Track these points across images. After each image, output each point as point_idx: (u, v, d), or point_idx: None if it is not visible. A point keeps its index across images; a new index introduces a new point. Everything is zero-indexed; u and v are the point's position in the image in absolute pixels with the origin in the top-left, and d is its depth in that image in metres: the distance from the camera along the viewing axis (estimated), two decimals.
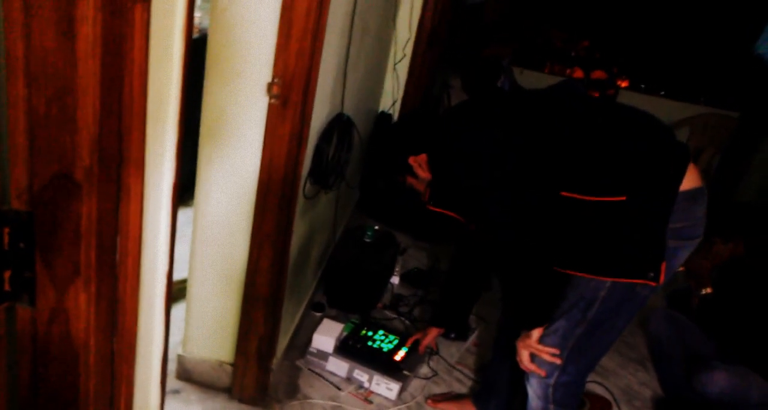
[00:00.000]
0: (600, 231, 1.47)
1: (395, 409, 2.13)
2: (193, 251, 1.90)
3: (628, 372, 2.60)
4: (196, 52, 0.98)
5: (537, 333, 1.60)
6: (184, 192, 1.04)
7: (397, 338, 2.32)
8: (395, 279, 2.92)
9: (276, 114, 1.63)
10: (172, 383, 2.05)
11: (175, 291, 1.14)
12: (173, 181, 0.95)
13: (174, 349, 2.01)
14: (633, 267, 1.46)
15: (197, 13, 2.91)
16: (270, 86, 1.61)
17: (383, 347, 2.27)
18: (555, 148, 1.47)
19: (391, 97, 3.68)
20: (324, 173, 2.03)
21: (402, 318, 2.67)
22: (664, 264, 1.43)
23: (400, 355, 2.24)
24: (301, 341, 2.36)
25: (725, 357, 2.33)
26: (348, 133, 2.21)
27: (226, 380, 2.03)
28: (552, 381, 1.62)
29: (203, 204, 1.83)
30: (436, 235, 3.38)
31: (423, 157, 1.69)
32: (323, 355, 2.22)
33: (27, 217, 0.69)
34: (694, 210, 1.48)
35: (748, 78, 4.90)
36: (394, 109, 3.72)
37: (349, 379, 2.20)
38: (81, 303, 0.75)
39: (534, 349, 1.61)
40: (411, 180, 1.77)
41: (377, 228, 2.73)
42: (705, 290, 2.52)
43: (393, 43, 3.54)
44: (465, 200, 1.65)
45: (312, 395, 2.12)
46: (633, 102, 1.81)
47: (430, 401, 2.18)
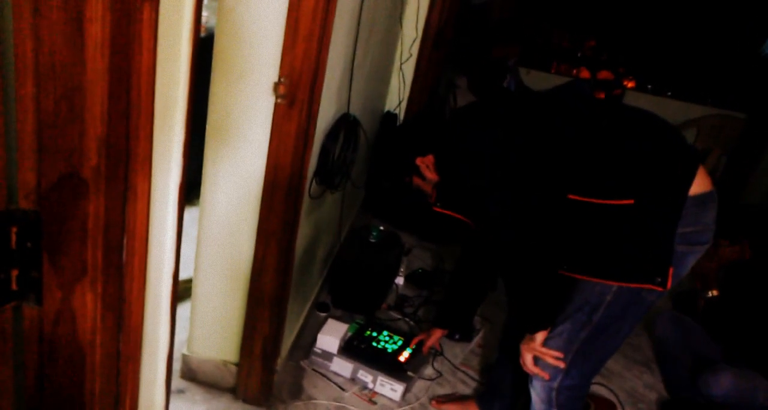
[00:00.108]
0: (607, 235, 1.45)
1: None
2: (199, 250, 1.91)
3: (633, 374, 2.58)
4: (203, 51, 0.98)
5: (541, 337, 1.59)
6: (189, 191, 1.03)
7: (402, 339, 2.32)
8: (400, 280, 2.91)
9: (282, 113, 1.63)
10: (176, 382, 2.05)
11: (180, 291, 1.14)
12: (180, 181, 0.95)
13: (179, 349, 2.01)
14: (640, 272, 1.45)
15: (204, 13, 2.91)
16: (276, 86, 1.61)
17: (388, 348, 2.26)
18: (557, 148, 1.46)
19: (397, 97, 3.68)
20: (330, 173, 2.03)
21: (407, 318, 2.67)
22: (671, 269, 1.42)
23: (404, 356, 2.23)
24: (306, 341, 2.36)
25: (731, 360, 2.32)
26: (354, 133, 2.21)
27: (230, 380, 2.03)
28: (555, 385, 1.62)
29: (209, 203, 1.83)
30: (441, 236, 3.38)
31: (430, 158, 1.69)
32: (328, 356, 2.22)
33: (34, 217, 0.69)
34: (703, 215, 1.46)
35: (755, 79, 4.89)
36: (400, 109, 3.71)
37: (354, 380, 2.20)
38: (87, 303, 0.75)
39: (537, 352, 1.60)
40: (418, 181, 1.77)
41: (382, 228, 2.73)
42: (711, 292, 2.51)
43: (399, 43, 3.54)
44: (470, 201, 1.64)
45: (316, 395, 2.12)
46: (640, 102, 1.80)
47: (434, 402, 2.17)
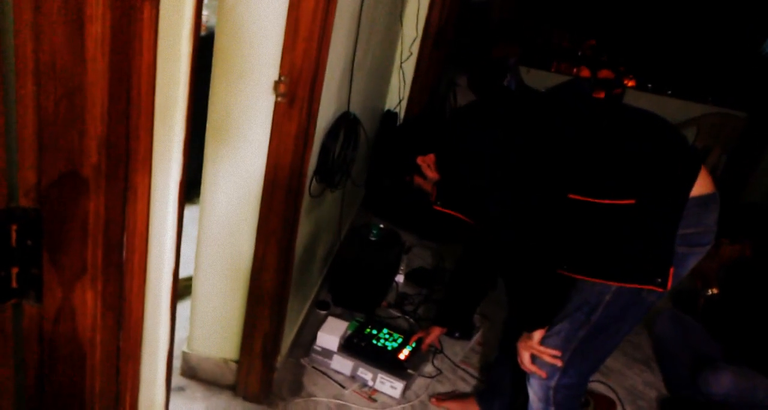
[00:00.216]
0: (607, 235, 1.45)
1: (399, 408, 2.13)
2: (199, 249, 1.91)
3: (633, 372, 2.59)
4: (203, 50, 0.98)
5: (538, 335, 1.59)
6: (189, 189, 1.04)
7: (402, 337, 2.32)
8: (400, 278, 2.92)
9: (282, 112, 1.63)
10: (177, 380, 2.05)
11: (181, 289, 1.15)
12: (180, 179, 0.95)
13: (179, 346, 2.01)
14: (640, 273, 1.44)
15: (204, 12, 2.91)
16: (277, 85, 1.61)
17: (388, 345, 2.27)
18: (557, 148, 1.46)
19: (398, 96, 3.68)
20: (330, 171, 2.03)
21: (407, 316, 2.67)
22: (672, 270, 1.41)
23: (404, 354, 2.24)
24: (306, 339, 2.36)
25: (731, 358, 2.33)
26: (354, 132, 2.21)
27: (230, 377, 2.04)
28: (553, 383, 1.62)
29: (209, 202, 1.83)
30: (441, 234, 3.38)
31: (431, 157, 1.69)
32: (328, 353, 2.22)
33: (35, 215, 0.70)
34: (705, 216, 1.45)
35: (755, 78, 4.89)
36: (400, 108, 3.71)
37: (354, 377, 2.21)
38: (87, 301, 0.75)
39: (535, 350, 1.60)
40: (418, 179, 1.77)
41: (382, 226, 2.73)
42: (711, 290, 2.52)
43: (400, 42, 3.54)
44: (471, 201, 1.65)
45: (316, 393, 2.12)
46: (640, 101, 1.80)
47: (434, 400, 2.18)
